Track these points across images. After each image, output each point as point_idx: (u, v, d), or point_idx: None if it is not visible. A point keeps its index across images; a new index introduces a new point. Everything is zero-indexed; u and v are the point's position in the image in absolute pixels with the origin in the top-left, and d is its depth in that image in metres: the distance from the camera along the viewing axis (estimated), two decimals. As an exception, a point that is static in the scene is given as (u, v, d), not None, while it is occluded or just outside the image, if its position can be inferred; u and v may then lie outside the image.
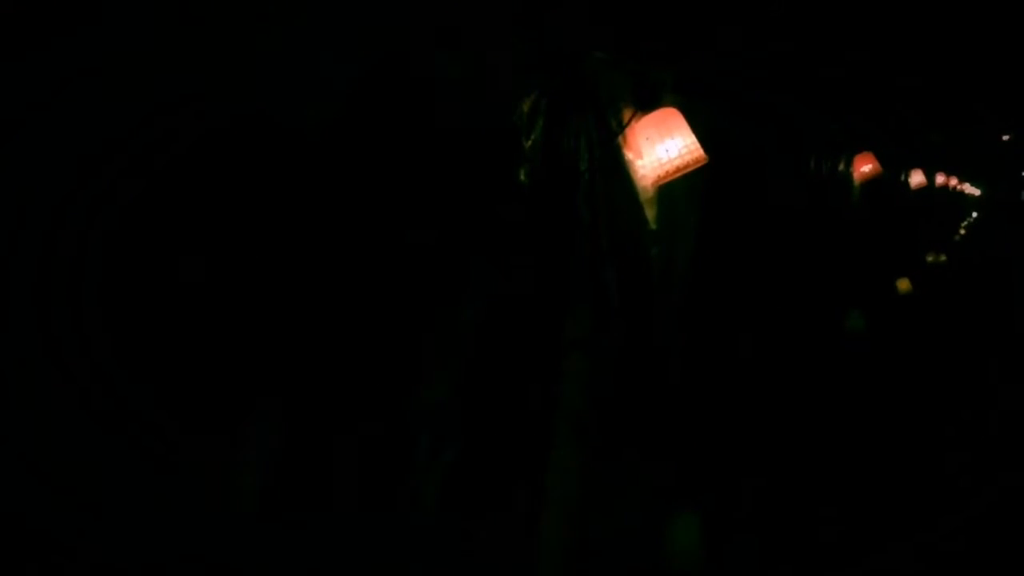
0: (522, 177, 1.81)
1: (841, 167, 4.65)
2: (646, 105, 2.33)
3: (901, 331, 6.02)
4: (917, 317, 6.67)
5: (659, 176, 2.36)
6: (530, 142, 1.84)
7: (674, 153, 2.32)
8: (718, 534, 2.70)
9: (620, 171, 2.23)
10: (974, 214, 14.72)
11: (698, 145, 2.35)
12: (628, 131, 2.28)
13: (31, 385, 1.02)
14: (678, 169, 2.34)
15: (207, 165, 1.19)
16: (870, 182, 5.33)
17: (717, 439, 2.94)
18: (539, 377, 1.95)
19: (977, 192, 14.43)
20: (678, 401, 2.59)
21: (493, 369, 1.82)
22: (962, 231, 12.81)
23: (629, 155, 2.29)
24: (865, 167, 5.20)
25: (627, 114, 2.26)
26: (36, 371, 1.02)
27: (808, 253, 3.88)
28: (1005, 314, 7.43)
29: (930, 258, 8.60)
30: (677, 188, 2.57)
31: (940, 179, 9.08)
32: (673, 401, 2.55)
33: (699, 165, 2.36)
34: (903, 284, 6.92)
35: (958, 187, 11.50)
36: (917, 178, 7.36)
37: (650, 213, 2.37)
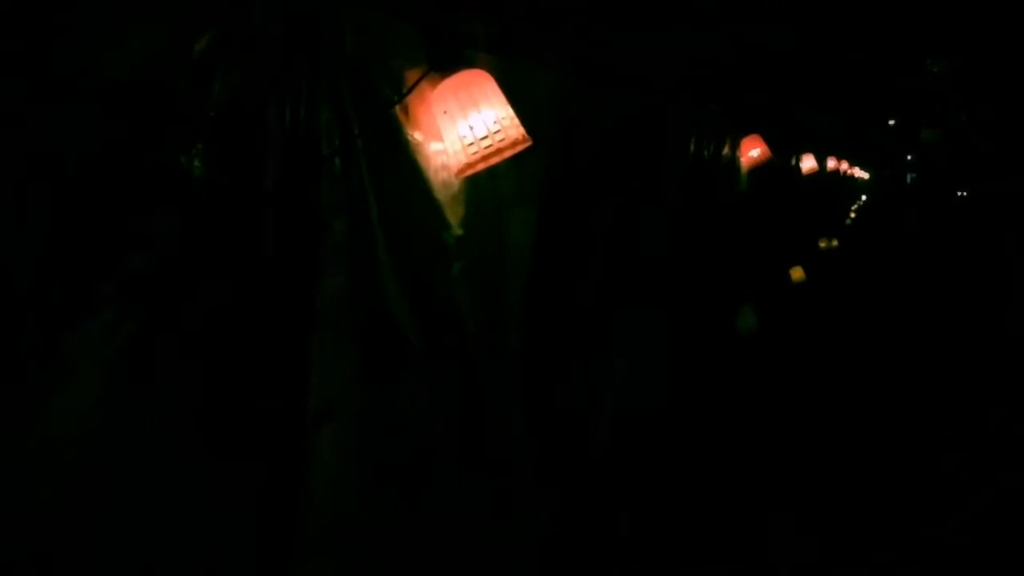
0: (194, 166, 1.13)
1: (726, 151, 4.17)
2: (443, 65, 1.68)
3: (790, 325, 5.85)
4: (810, 310, 6.56)
5: (465, 164, 1.72)
6: (212, 111, 1.15)
7: (482, 132, 1.68)
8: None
9: (400, 157, 1.58)
10: (863, 197, 15.05)
11: (517, 121, 1.73)
12: (413, 101, 1.62)
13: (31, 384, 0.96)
14: (490, 154, 1.71)
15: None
16: (759, 167, 4.93)
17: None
18: (251, 473, 1.28)
19: (867, 176, 14.76)
20: (516, 478, 1.97)
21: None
22: (853, 214, 13.00)
23: (416, 135, 1.64)
24: (753, 151, 4.79)
25: (410, 77, 1.60)
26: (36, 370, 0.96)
27: (691, 255, 3.35)
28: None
29: (822, 244, 8.46)
30: (503, 179, 1.94)
31: (831, 163, 8.96)
32: (507, 478, 1.93)
33: (519, 149, 1.74)
34: (796, 273, 6.70)
35: (848, 171, 11.56)
36: (808, 163, 7.13)
37: (453, 215, 1.73)
